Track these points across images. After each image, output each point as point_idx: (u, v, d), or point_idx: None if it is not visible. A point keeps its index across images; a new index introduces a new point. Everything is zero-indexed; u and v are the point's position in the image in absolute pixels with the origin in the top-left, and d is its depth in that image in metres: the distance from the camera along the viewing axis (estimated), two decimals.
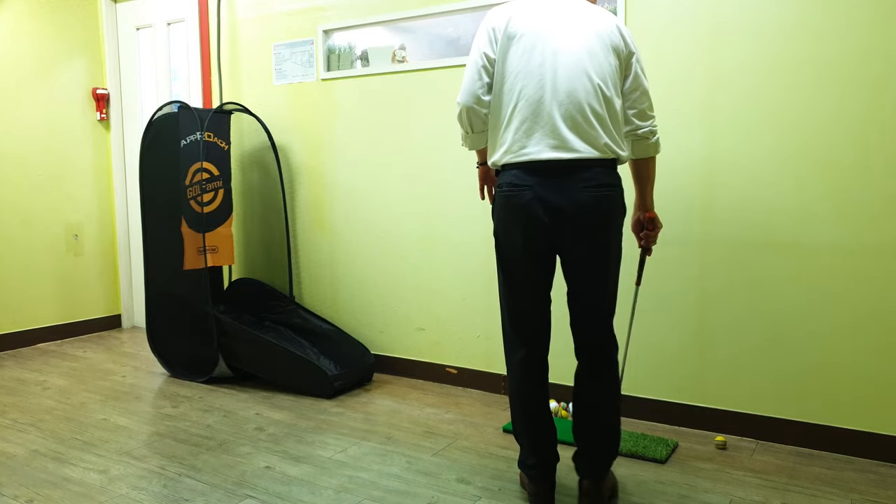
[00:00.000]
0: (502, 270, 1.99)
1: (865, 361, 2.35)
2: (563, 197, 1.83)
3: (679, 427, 2.66)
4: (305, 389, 3.09)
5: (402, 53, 3.26)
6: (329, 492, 2.13)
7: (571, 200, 1.83)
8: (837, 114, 2.33)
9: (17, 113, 3.92)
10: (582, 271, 1.90)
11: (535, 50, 1.86)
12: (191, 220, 3.18)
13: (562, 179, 1.84)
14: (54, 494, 2.12)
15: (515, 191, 1.88)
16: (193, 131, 3.19)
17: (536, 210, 1.85)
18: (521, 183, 1.86)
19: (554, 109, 1.83)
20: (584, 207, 1.83)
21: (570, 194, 1.83)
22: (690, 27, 2.54)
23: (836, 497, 2.09)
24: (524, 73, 1.86)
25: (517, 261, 1.94)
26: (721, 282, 2.56)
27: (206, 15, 3.83)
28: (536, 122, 1.85)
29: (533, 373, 1.99)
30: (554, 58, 1.84)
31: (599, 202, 1.84)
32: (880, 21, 2.25)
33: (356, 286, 3.47)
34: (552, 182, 1.84)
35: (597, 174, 1.84)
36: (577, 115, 1.82)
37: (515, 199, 1.88)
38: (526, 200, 1.86)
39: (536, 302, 1.97)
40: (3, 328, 3.91)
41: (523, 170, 1.87)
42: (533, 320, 1.98)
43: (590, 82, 1.83)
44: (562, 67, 1.84)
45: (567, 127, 1.83)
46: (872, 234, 2.31)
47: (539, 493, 1.99)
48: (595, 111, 1.83)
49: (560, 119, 1.83)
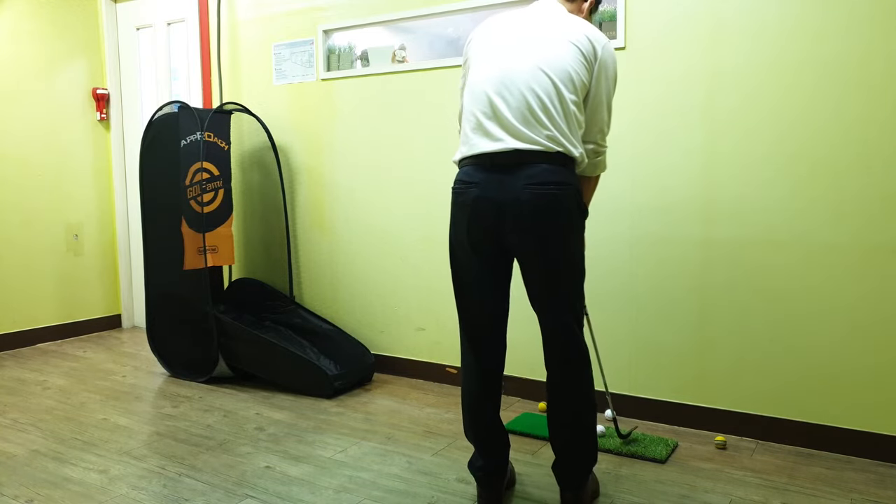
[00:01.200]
0: (452, 273, 1.95)
1: (865, 361, 2.36)
2: (505, 194, 1.77)
3: (679, 427, 2.66)
4: (305, 389, 3.09)
5: (402, 53, 3.26)
6: (329, 492, 2.13)
7: (513, 198, 1.76)
8: (837, 114, 2.33)
9: (18, 113, 3.92)
10: (531, 274, 1.83)
11: (498, 49, 1.85)
12: (191, 220, 3.18)
13: (505, 176, 1.77)
14: (54, 494, 2.12)
15: (462, 188, 1.85)
16: (193, 131, 3.20)
17: (481, 208, 1.81)
18: (468, 180, 1.83)
19: (503, 103, 1.80)
20: (526, 205, 1.75)
21: (513, 192, 1.76)
22: (690, 27, 2.54)
23: (836, 497, 2.09)
24: (485, 70, 1.85)
25: (465, 262, 1.90)
26: (721, 282, 2.56)
27: (206, 15, 3.83)
28: (487, 116, 1.82)
29: (479, 380, 1.95)
30: (514, 55, 1.82)
31: (542, 200, 1.75)
32: (880, 21, 2.25)
33: (356, 286, 3.47)
34: (496, 178, 1.78)
35: (542, 171, 1.76)
36: (524, 110, 1.78)
37: (462, 196, 1.85)
38: (472, 198, 1.82)
39: (487, 309, 1.91)
40: (3, 328, 3.91)
41: (471, 166, 1.84)
42: (481, 328, 1.92)
43: (546, 78, 1.78)
44: (520, 64, 1.80)
45: (514, 119, 1.78)
46: (872, 233, 2.31)
47: (486, 496, 1.97)
48: (544, 106, 1.77)
49: (508, 112, 1.79)
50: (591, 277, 2.80)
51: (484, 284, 1.90)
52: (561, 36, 1.81)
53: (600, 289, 2.78)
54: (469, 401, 1.98)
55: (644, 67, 2.63)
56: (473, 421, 1.98)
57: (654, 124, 2.63)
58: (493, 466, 1.97)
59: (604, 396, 2.80)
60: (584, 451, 1.89)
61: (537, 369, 2.97)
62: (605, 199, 2.74)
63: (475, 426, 1.98)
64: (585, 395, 1.88)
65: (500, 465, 1.98)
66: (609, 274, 2.76)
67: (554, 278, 1.81)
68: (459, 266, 1.92)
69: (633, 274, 2.71)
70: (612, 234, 2.74)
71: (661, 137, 2.62)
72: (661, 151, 2.63)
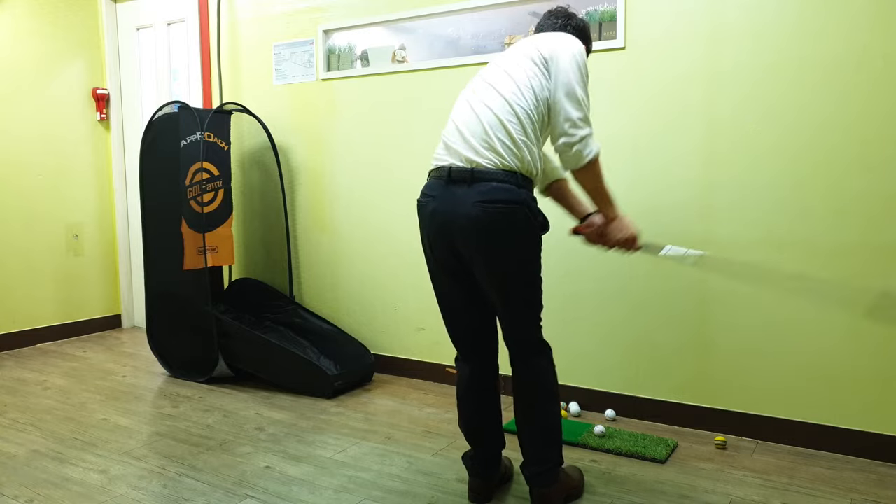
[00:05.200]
0: (431, 279, 2.04)
1: (865, 361, 2.35)
2: (456, 208, 1.81)
3: (679, 427, 2.66)
4: (305, 389, 3.09)
5: (402, 53, 3.26)
6: (329, 492, 2.13)
7: (464, 213, 1.80)
8: (837, 114, 2.33)
9: (17, 113, 3.92)
10: (483, 286, 1.91)
11: (477, 77, 1.95)
12: (191, 220, 3.18)
13: (459, 189, 1.82)
14: (54, 494, 2.12)
15: (423, 200, 1.92)
16: (194, 131, 3.20)
17: (437, 221, 1.87)
18: (428, 192, 1.90)
19: (463, 123, 1.87)
20: (474, 221, 1.79)
21: (464, 207, 1.80)
22: (690, 27, 2.54)
23: (835, 497, 2.09)
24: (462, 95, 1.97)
25: (435, 272, 1.99)
26: (721, 282, 2.56)
27: (206, 15, 3.83)
28: (452, 133, 1.90)
29: (469, 378, 2.03)
30: (482, 81, 1.91)
31: (489, 216, 1.77)
32: (880, 21, 2.25)
33: (356, 286, 3.47)
34: (451, 192, 1.83)
35: (493, 188, 1.78)
36: (480, 128, 1.83)
37: (422, 209, 1.92)
38: (429, 211, 1.88)
39: (460, 317, 1.99)
40: (3, 328, 3.91)
41: (433, 179, 1.91)
42: (459, 331, 2.01)
43: (499, 97, 1.84)
44: (481, 87, 1.89)
45: (471, 136, 1.84)
46: (872, 233, 2.31)
47: (476, 487, 2.04)
48: (500, 124, 1.81)
49: (466, 130, 1.85)
50: (592, 278, 2.80)
51: (453, 297, 1.98)
52: (519, 53, 1.89)
53: (600, 289, 2.78)
54: (461, 394, 2.05)
55: (644, 67, 2.63)
56: (465, 414, 2.05)
57: (653, 124, 2.63)
58: (485, 459, 2.03)
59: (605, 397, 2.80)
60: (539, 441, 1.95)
61: None
62: None
63: (467, 419, 2.05)
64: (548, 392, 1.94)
65: (492, 459, 2.04)
66: (609, 274, 2.76)
67: (501, 293, 1.87)
68: (432, 275, 2.01)
69: (633, 274, 2.71)
70: None
71: (661, 137, 2.62)
72: (660, 151, 2.63)
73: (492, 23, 3.00)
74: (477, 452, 2.04)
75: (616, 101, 2.69)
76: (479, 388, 2.02)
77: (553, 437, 1.95)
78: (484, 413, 2.03)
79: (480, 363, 2.02)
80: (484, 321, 2.00)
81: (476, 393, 2.02)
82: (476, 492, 2.04)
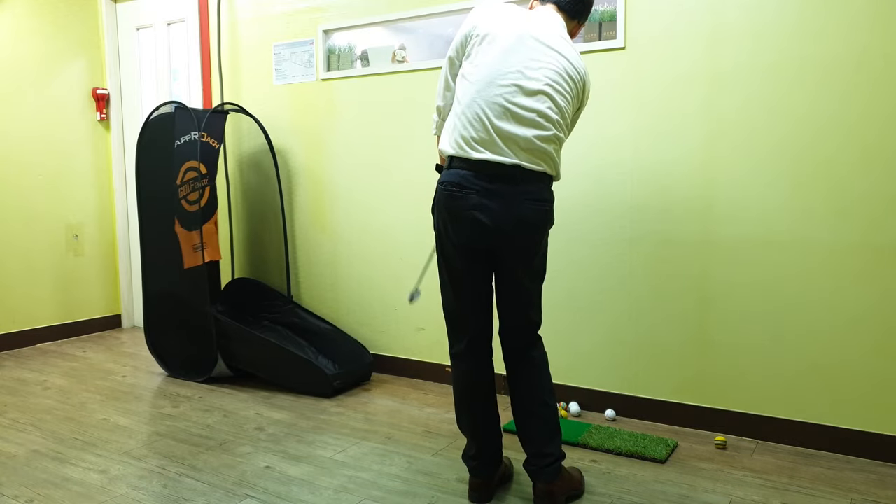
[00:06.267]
0: (439, 268, 2.03)
1: (865, 361, 2.36)
2: (504, 205, 1.85)
3: (679, 427, 2.66)
4: (305, 389, 3.09)
5: (402, 53, 3.26)
6: (329, 492, 2.13)
7: (513, 210, 1.86)
8: (838, 114, 2.33)
9: (17, 112, 3.92)
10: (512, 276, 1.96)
11: (510, 52, 1.86)
12: (182, 219, 3.18)
13: (505, 187, 1.85)
14: (54, 494, 2.12)
15: (459, 192, 1.88)
16: (189, 131, 3.19)
17: (478, 216, 1.86)
18: (466, 185, 1.87)
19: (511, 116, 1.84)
20: (525, 218, 1.87)
21: (513, 204, 1.86)
22: (690, 27, 2.54)
23: (835, 497, 2.09)
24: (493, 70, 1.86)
25: (453, 263, 1.98)
26: (721, 282, 2.56)
27: (206, 15, 3.83)
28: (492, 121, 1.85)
29: (470, 367, 2.02)
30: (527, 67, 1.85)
31: (538, 215, 1.89)
32: (880, 21, 2.25)
33: (356, 286, 3.47)
34: (496, 189, 1.85)
35: (539, 188, 1.89)
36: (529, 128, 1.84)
37: (459, 201, 1.88)
38: (470, 204, 1.87)
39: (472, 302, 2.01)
40: (3, 328, 3.91)
41: (469, 171, 1.87)
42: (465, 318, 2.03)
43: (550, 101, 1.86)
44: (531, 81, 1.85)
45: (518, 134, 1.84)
46: (872, 233, 2.31)
47: (477, 486, 2.04)
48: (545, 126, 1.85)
49: (514, 127, 1.84)
50: (591, 277, 2.80)
51: (472, 283, 1.98)
52: (568, 65, 1.90)
53: (600, 289, 2.78)
54: (461, 392, 2.05)
55: (644, 67, 2.63)
56: (464, 412, 2.05)
57: (653, 124, 2.63)
58: (485, 458, 2.03)
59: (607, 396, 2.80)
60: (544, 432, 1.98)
61: None
62: (606, 199, 2.75)
63: (466, 417, 2.05)
64: (547, 386, 2.00)
65: (492, 457, 2.04)
66: (609, 274, 2.76)
67: (529, 281, 1.98)
68: (448, 264, 1.99)
69: (633, 274, 2.71)
70: (612, 234, 2.74)
71: (661, 137, 2.62)
72: (661, 151, 2.63)
73: None
74: (478, 451, 2.04)
75: (616, 101, 2.69)
76: (478, 384, 2.03)
77: (556, 429, 1.99)
78: (485, 410, 2.03)
79: (478, 359, 2.03)
80: (488, 311, 2.03)
81: (476, 390, 2.03)
82: (477, 491, 2.04)
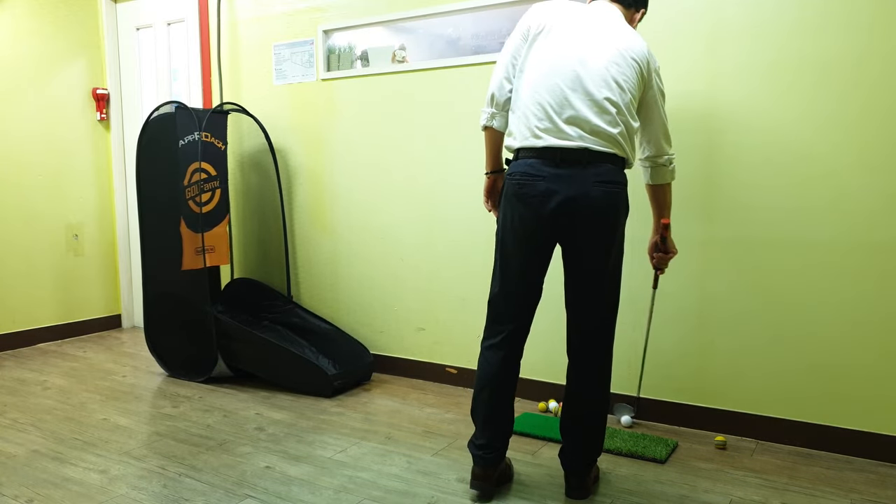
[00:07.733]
0: (500, 257, 2.03)
1: (865, 361, 2.36)
2: (574, 190, 1.87)
3: (679, 427, 2.66)
4: (305, 389, 3.09)
5: (402, 53, 3.26)
6: (329, 492, 2.13)
7: (583, 194, 1.87)
8: (837, 113, 2.33)
9: (17, 112, 3.92)
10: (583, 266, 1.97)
11: (571, 45, 1.92)
12: (189, 221, 3.18)
13: (574, 171, 1.88)
14: (54, 494, 2.12)
15: (528, 180, 1.92)
16: (191, 131, 3.19)
17: (548, 201, 1.89)
18: (534, 173, 1.91)
19: (578, 101, 1.88)
20: (595, 201, 1.88)
21: (583, 188, 1.87)
22: (690, 27, 2.54)
23: (835, 497, 2.09)
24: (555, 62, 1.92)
25: (514, 251, 1.99)
26: (721, 281, 2.56)
27: (206, 15, 3.83)
28: (558, 110, 1.90)
29: (500, 358, 2.03)
30: (589, 56, 1.91)
31: (608, 198, 1.89)
32: (880, 21, 2.25)
33: (356, 286, 3.47)
34: (565, 174, 1.88)
35: (608, 170, 1.89)
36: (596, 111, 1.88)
37: (527, 188, 1.92)
38: (539, 191, 1.90)
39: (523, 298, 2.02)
40: (3, 328, 3.91)
41: (536, 159, 1.91)
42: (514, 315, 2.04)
43: (615, 85, 1.89)
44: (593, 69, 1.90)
45: (586, 117, 1.88)
46: (872, 233, 2.31)
47: (482, 475, 2.05)
48: (611, 110, 1.89)
49: (581, 111, 1.88)
50: None
51: (528, 274, 2.00)
52: (626, 48, 1.93)
53: None
54: (484, 381, 2.05)
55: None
56: (485, 400, 2.05)
57: None
58: (493, 447, 2.04)
59: None
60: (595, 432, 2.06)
61: (537, 368, 2.97)
62: None
63: (483, 406, 2.05)
64: (606, 388, 2.05)
65: (500, 447, 2.06)
66: None
67: (601, 272, 1.96)
68: (507, 253, 2.00)
69: (634, 274, 2.71)
70: None
71: None
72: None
73: (492, 23, 3.00)
74: (486, 441, 2.04)
75: None
76: (503, 376, 2.04)
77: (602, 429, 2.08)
78: (506, 400, 2.06)
79: (508, 353, 2.04)
80: (537, 303, 2.05)
81: (500, 381, 2.04)
82: (478, 479, 2.04)
